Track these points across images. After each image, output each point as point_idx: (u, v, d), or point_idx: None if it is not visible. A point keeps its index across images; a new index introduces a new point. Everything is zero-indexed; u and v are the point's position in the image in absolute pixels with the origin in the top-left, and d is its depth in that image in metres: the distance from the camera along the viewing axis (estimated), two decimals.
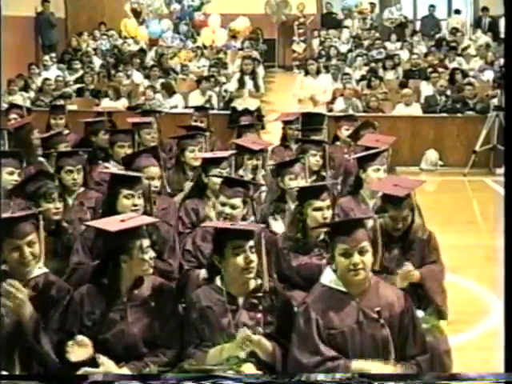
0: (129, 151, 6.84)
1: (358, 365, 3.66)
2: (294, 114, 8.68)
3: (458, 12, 18.88)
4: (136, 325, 3.89)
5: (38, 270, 3.99)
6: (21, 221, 3.93)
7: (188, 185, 6.49)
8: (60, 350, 3.77)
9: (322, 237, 4.81)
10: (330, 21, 18.99)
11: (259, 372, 3.72)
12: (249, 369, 3.70)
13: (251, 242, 3.87)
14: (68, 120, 8.66)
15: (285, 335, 3.82)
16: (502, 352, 3.45)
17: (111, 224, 3.93)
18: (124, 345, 3.86)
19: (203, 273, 4.47)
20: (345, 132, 8.21)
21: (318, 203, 4.84)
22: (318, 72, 12.20)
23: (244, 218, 4.95)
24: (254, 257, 3.86)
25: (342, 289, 3.79)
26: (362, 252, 3.73)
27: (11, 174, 5.76)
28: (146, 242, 3.93)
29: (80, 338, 3.73)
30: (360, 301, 3.77)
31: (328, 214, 4.85)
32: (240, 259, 3.84)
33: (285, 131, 8.46)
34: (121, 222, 3.93)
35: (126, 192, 4.85)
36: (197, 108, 9.64)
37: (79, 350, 3.69)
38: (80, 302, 3.91)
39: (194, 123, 8.63)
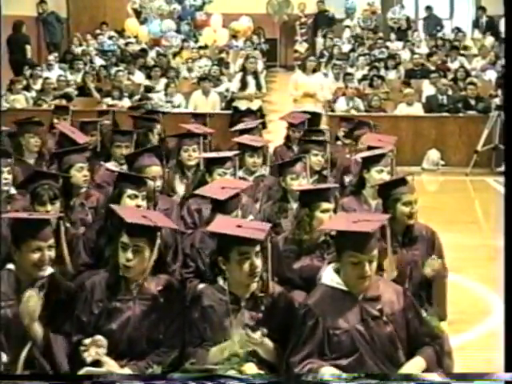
0: (126, 152, 6.83)
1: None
2: (300, 117, 8.65)
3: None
4: (142, 318, 3.90)
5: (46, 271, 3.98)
6: (45, 223, 3.90)
7: (180, 185, 6.54)
8: (73, 349, 3.82)
9: (322, 238, 4.81)
10: (323, 19, 18.93)
11: (261, 372, 3.72)
12: (250, 369, 3.69)
13: (257, 248, 3.84)
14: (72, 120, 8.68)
15: (287, 336, 3.81)
16: (503, 352, 3.46)
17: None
18: (127, 338, 3.87)
19: (201, 286, 4.42)
20: (342, 133, 8.25)
21: (326, 205, 4.82)
22: (315, 70, 12.18)
23: None
24: (258, 262, 3.84)
25: (344, 288, 3.79)
26: (371, 261, 3.74)
27: None
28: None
29: (98, 337, 3.76)
30: (362, 299, 3.77)
31: (333, 215, 4.83)
32: (245, 265, 3.81)
33: (289, 132, 8.48)
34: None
35: (130, 192, 4.84)
36: (194, 115, 9.66)
37: (96, 349, 3.72)
38: (91, 290, 3.94)
39: None
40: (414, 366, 3.67)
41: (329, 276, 3.86)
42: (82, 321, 3.90)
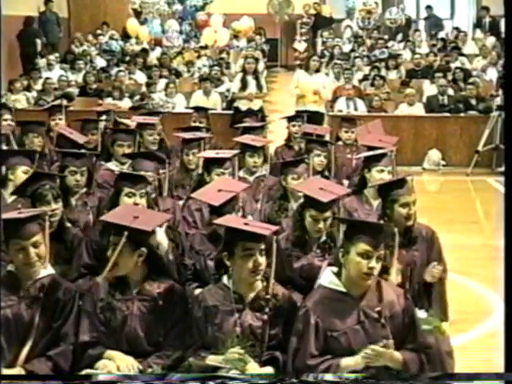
0: (127, 151, 6.83)
1: (345, 362, 3.67)
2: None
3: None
4: (139, 319, 3.90)
5: (44, 271, 3.98)
6: (26, 221, 3.90)
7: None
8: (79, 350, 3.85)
9: (324, 238, 4.79)
10: (321, 20, 18.94)
11: (264, 371, 3.72)
12: (253, 369, 3.70)
13: (262, 245, 3.84)
14: (68, 120, 8.67)
15: (290, 337, 3.80)
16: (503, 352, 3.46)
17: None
18: (125, 338, 3.88)
19: (199, 291, 4.41)
20: (344, 134, 8.24)
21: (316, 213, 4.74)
22: (318, 70, 12.17)
23: None
24: (262, 260, 3.83)
25: (343, 289, 3.79)
26: (379, 258, 3.74)
27: (26, 172, 5.67)
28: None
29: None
30: (360, 301, 3.77)
31: (321, 225, 4.73)
32: (249, 262, 3.80)
33: (289, 130, 8.47)
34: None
35: (127, 190, 4.86)
36: (196, 108, 9.62)
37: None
38: (95, 290, 3.97)
39: (193, 124, 8.63)
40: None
41: (327, 278, 3.85)
42: (86, 321, 3.91)
